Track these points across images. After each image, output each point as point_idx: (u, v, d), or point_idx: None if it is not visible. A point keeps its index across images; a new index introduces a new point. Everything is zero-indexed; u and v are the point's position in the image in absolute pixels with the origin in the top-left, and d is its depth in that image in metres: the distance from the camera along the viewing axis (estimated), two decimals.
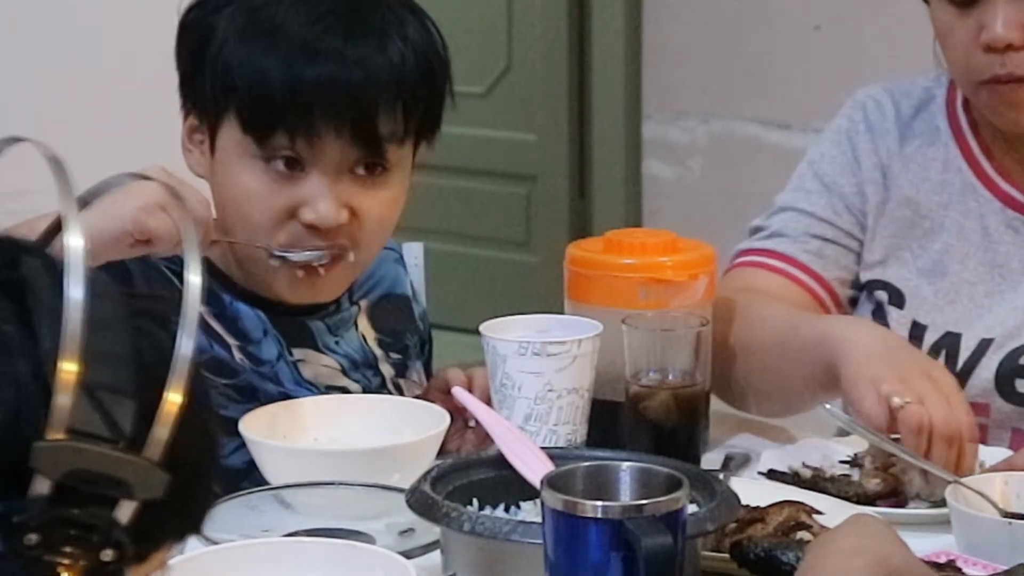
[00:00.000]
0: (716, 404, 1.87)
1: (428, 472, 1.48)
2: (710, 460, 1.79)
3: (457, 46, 1.83)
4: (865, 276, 2.00)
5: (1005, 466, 1.67)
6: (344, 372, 1.84)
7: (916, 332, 1.95)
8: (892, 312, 1.97)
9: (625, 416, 1.75)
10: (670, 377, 1.74)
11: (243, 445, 1.70)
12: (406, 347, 1.91)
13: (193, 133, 1.78)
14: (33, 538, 0.85)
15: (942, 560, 1.47)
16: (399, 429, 1.71)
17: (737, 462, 1.80)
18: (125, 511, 0.87)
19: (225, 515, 1.52)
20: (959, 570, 1.45)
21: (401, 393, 1.88)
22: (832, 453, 1.79)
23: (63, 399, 0.84)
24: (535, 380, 1.70)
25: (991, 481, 1.61)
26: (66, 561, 0.85)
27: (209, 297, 1.76)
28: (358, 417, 1.75)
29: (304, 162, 1.70)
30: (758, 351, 1.89)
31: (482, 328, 1.76)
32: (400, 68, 1.70)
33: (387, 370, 1.88)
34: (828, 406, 1.81)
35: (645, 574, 1.24)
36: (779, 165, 3.12)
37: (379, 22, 1.71)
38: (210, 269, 1.78)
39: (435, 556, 1.44)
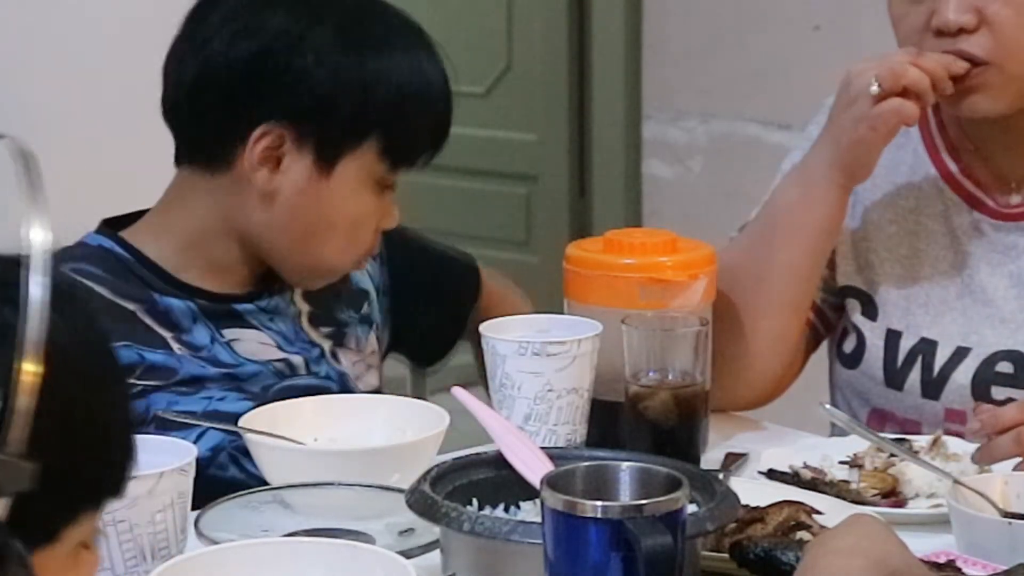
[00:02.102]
0: (716, 404, 1.88)
1: (428, 472, 1.48)
2: (710, 460, 1.79)
3: (457, 46, 1.84)
4: (840, 281, 2.00)
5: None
6: (279, 347, 1.85)
7: (891, 342, 1.95)
8: (866, 325, 1.96)
9: (625, 416, 1.75)
10: (670, 377, 1.74)
11: (204, 433, 1.72)
12: (337, 319, 1.92)
13: (265, 147, 1.74)
14: None
15: (942, 560, 1.47)
16: (399, 429, 1.72)
17: (737, 462, 1.80)
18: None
19: (225, 515, 1.52)
20: (959, 570, 1.45)
21: (339, 362, 1.90)
22: (832, 453, 1.79)
23: None
24: (535, 380, 1.71)
25: (991, 481, 1.61)
26: None
27: (139, 294, 1.78)
28: (358, 417, 1.75)
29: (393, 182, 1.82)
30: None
31: (482, 328, 1.76)
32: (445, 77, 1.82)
33: (323, 342, 1.90)
34: (828, 406, 1.80)
35: (645, 574, 1.24)
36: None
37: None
38: (142, 260, 1.80)
39: (435, 556, 1.44)
